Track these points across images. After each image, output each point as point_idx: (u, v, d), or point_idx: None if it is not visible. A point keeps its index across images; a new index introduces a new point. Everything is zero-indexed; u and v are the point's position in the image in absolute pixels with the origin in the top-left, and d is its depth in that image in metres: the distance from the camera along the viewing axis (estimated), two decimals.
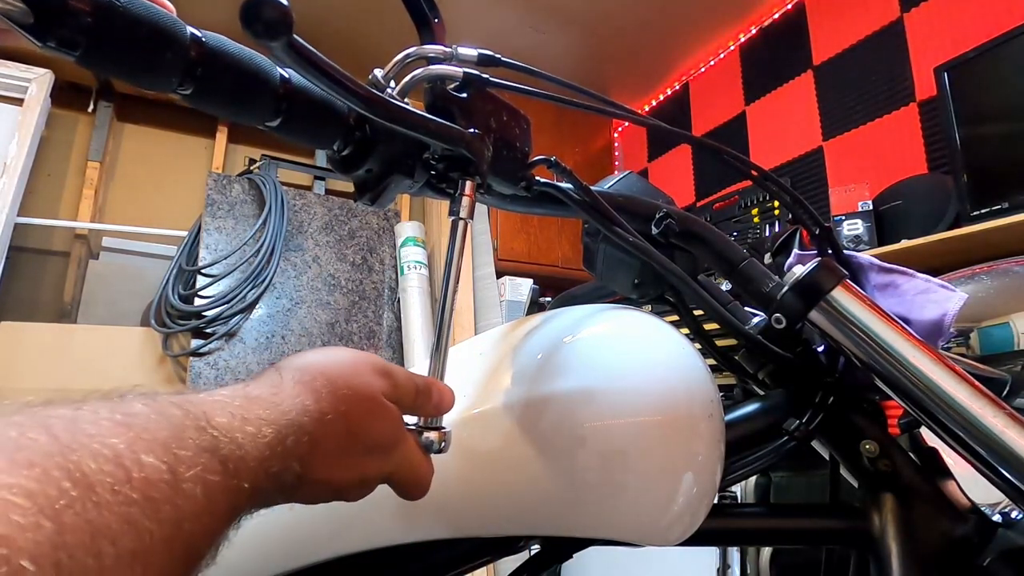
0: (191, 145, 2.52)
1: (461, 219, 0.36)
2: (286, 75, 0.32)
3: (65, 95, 2.23)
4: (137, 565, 0.16)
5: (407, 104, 0.34)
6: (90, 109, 2.31)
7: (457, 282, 0.36)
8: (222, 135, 2.49)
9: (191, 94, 0.29)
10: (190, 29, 0.28)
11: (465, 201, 0.36)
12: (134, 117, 2.43)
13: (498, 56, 0.39)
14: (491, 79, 0.38)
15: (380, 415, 0.30)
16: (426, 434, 0.34)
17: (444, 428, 0.35)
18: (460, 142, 0.35)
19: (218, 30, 0.30)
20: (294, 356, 0.30)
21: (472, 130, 0.36)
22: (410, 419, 0.34)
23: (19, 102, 2.13)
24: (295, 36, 0.25)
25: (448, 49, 0.38)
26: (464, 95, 0.37)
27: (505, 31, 2.49)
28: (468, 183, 0.36)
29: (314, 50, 0.27)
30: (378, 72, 0.35)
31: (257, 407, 0.24)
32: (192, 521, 0.19)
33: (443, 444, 0.34)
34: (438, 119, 0.34)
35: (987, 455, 0.38)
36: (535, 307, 2.33)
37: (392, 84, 0.36)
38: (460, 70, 0.37)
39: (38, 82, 2.13)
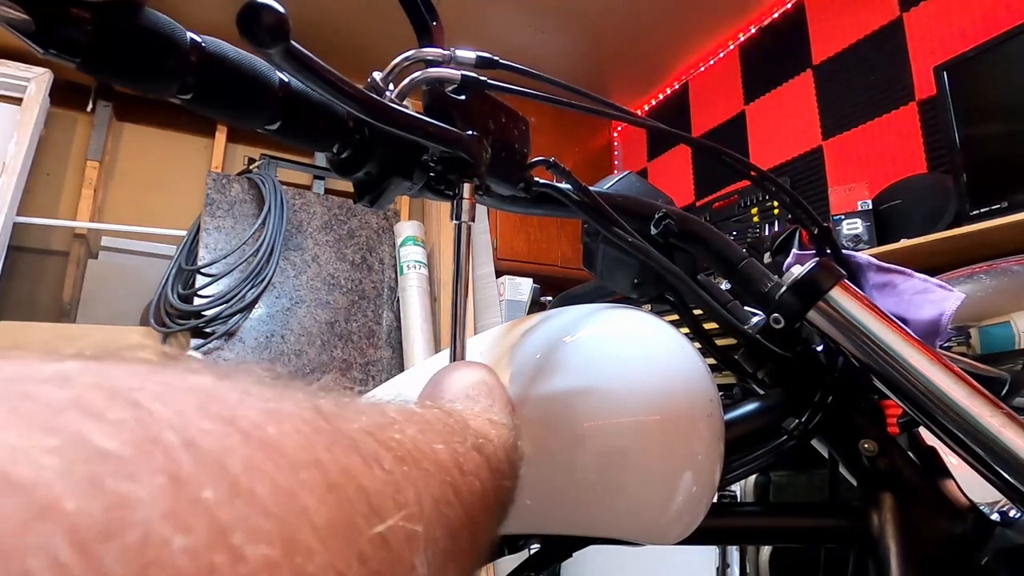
0: (190, 144, 2.52)
1: (463, 222, 0.37)
2: (285, 79, 0.32)
3: (64, 94, 2.23)
4: (456, 541, 0.16)
5: (405, 107, 0.34)
6: (89, 108, 2.31)
7: (467, 287, 0.36)
8: (221, 134, 2.49)
9: (191, 99, 0.29)
10: (190, 34, 0.28)
11: (466, 204, 0.36)
12: (133, 116, 2.43)
13: (496, 58, 0.39)
14: (489, 81, 0.38)
15: None
16: None
17: None
18: (458, 144, 0.35)
19: (215, 32, 0.30)
20: (459, 375, 0.30)
21: (470, 132, 0.36)
22: None
23: (18, 101, 2.13)
24: (293, 42, 0.25)
25: (446, 52, 0.38)
26: (462, 97, 0.37)
27: (505, 30, 2.49)
28: (467, 186, 0.36)
29: (312, 55, 0.27)
30: (377, 75, 0.35)
31: (489, 415, 0.25)
32: (479, 513, 0.19)
33: None
34: (436, 122, 0.34)
35: (984, 454, 0.38)
36: (536, 307, 2.33)
37: (391, 87, 0.36)
38: (458, 73, 0.37)
39: (37, 81, 2.13)
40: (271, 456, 0.11)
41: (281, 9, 0.24)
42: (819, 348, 0.49)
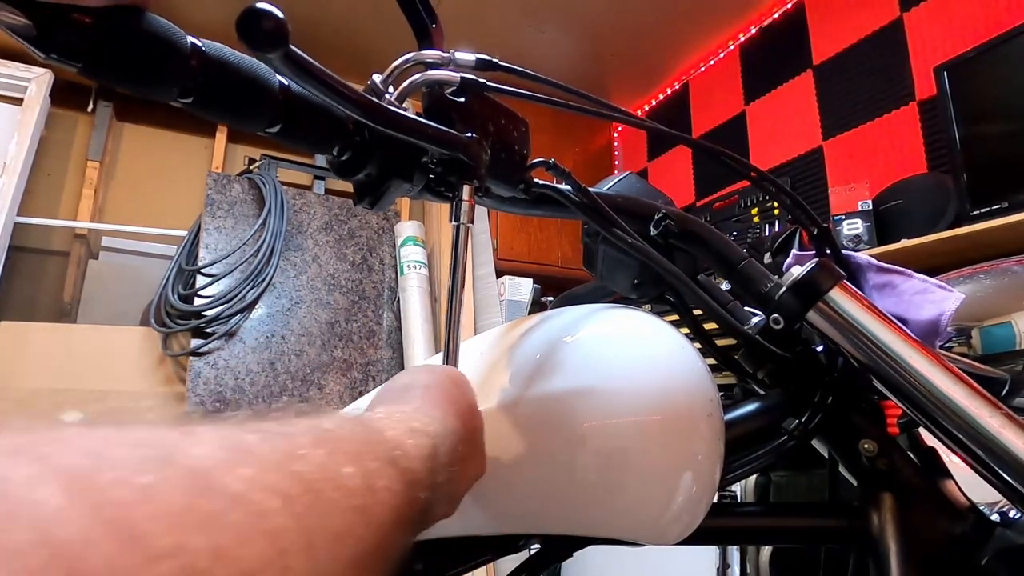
0: (191, 145, 2.52)
1: (462, 224, 0.37)
2: (285, 82, 0.32)
3: (64, 95, 2.23)
4: (359, 570, 0.17)
5: (405, 110, 0.34)
6: (89, 109, 2.31)
7: (463, 289, 0.36)
8: (222, 135, 2.49)
9: (192, 103, 0.29)
10: (190, 39, 0.28)
11: (464, 206, 0.36)
12: (133, 117, 2.43)
13: (495, 60, 0.39)
14: (488, 83, 0.38)
15: (480, 422, 0.33)
16: None
17: None
18: (457, 147, 0.35)
19: (217, 32, 0.30)
20: (404, 377, 0.31)
21: (469, 134, 0.36)
22: None
23: (18, 102, 2.13)
24: (291, 46, 0.25)
25: (446, 54, 0.38)
26: (462, 99, 0.37)
27: (505, 30, 2.49)
28: (467, 188, 0.36)
29: (311, 59, 0.27)
30: (376, 77, 0.35)
31: (412, 422, 0.25)
32: (389, 530, 0.19)
33: None
34: (435, 124, 0.34)
35: (984, 455, 0.38)
36: (537, 307, 2.33)
37: (390, 89, 0.36)
38: (457, 75, 0.37)
39: (37, 82, 2.13)
40: (134, 549, 0.11)
41: (280, 14, 0.24)
42: (819, 348, 0.49)
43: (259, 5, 0.23)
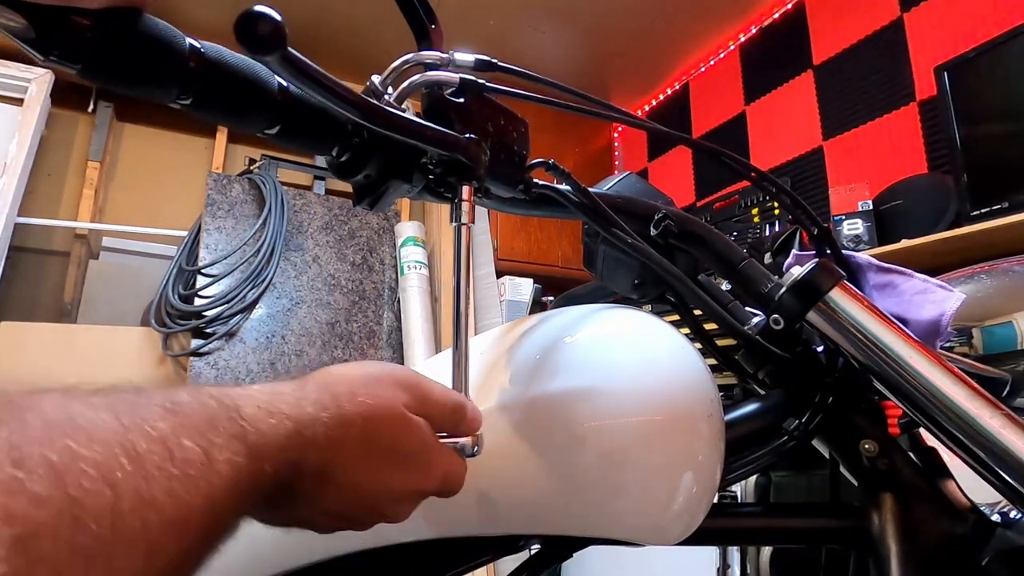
0: (191, 145, 2.52)
1: (463, 225, 0.37)
2: (284, 84, 0.32)
3: (65, 95, 2.23)
4: (176, 531, 0.19)
5: (404, 111, 0.34)
6: (90, 109, 2.31)
7: (468, 289, 0.36)
8: (222, 135, 2.49)
9: (191, 104, 0.29)
10: (189, 40, 0.29)
11: (464, 207, 0.36)
12: (134, 117, 2.43)
13: (495, 61, 0.39)
14: (487, 84, 0.38)
15: (403, 427, 0.31)
16: (461, 440, 0.34)
17: (478, 431, 0.35)
18: (456, 148, 0.35)
19: (217, 33, 0.30)
20: (324, 368, 0.32)
21: (469, 135, 0.36)
22: None
23: (19, 102, 2.13)
24: (289, 49, 0.25)
25: (445, 55, 0.38)
26: (461, 100, 0.37)
27: (505, 30, 2.48)
28: (466, 188, 0.36)
29: (309, 61, 0.27)
30: (376, 78, 0.35)
31: (280, 402, 0.27)
32: (222, 496, 0.21)
33: (476, 448, 0.35)
34: (434, 125, 0.34)
35: (984, 456, 0.38)
36: (538, 307, 2.34)
37: (390, 90, 0.36)
38: (457, 76, 0.37)
39: (38, 82, 2.13)
40: None
41: (278, 17, 0.24)
42: (819, 349, 0.49)
43: (257, 8, 0.23)
